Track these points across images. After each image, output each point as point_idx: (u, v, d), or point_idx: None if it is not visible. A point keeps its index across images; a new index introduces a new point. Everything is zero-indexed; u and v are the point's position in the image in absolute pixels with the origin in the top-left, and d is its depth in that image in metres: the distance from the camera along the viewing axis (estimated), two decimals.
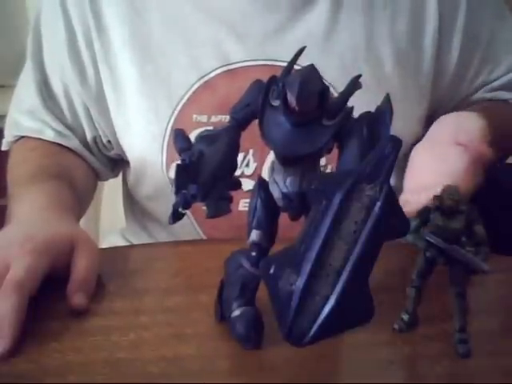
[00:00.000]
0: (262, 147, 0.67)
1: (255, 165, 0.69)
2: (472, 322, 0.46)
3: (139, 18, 0.70)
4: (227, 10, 0.68)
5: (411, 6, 0.70)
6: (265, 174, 0.46)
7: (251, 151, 0.68)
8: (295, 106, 0.40)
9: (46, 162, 0.70)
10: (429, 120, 0.76)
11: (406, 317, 0.48)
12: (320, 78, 0.40)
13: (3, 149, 0.78)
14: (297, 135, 0.41)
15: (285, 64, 0.42)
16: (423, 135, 0.72)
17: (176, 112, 0.68)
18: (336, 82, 0.61)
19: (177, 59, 0.68)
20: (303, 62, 0.42)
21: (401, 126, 0.69)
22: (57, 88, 0.73)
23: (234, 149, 0.44)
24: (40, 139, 0.73)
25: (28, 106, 0.74)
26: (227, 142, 0.43)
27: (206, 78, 0.68)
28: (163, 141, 0.69)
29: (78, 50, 0.71)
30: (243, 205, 0.69)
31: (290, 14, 0.68)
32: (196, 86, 0.68)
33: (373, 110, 0.42)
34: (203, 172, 0.42)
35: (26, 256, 0.49)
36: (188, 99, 0.68)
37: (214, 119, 0.67)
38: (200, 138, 0.43)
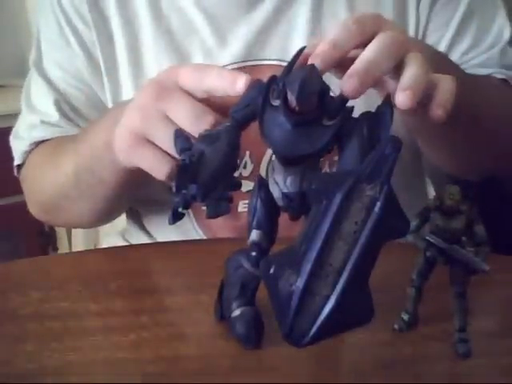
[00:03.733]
0: (258, 149, 0.67)
1: (252, 166, 0.69)
2: (472, 322, 0.46)
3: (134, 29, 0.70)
4: (212, 14, 0.69)
5: (393, 8, 0.69)
6: (262, 175, 0.46)
7: (248, 153, 0.68)
8: (295, 106, 0.40)
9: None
10: None
11: (406, 317, 0.48)
12: (320, 78, 0.40)
13: (17, 163, 0.77)
14: (297, 135, 0.41)
15: (271, 63, 0.42)
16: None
17: None
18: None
19: (166, 61, 0.69)
20: (289, 57, 0.42)
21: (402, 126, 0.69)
22: (76, 100, 0.74)
23: (234, 149, 0.44)
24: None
25: (47, 119, 0.74)
26: (227, 142, 0.43)
27: None
28: None
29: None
30: (242, 206, 0.69)
31: (272, 12, 0.68)
32: None
33: (358, 100, 0.41)
34: (203, 172, 0.42)
35: None
36: None
37: None
38: (200, 138, 0.43)
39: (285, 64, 0.42)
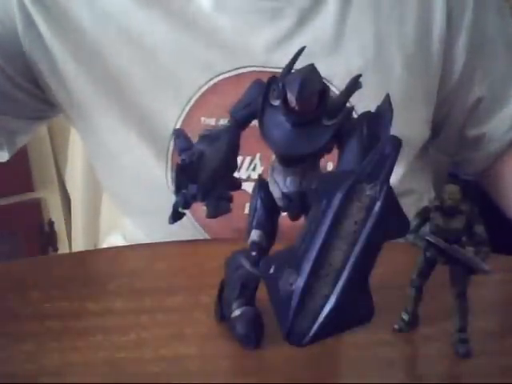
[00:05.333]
0: (268, 150, 0.66)
1: (262, 169, 0.68)
2: (472, 322, 0.46)
3: None
4: (237, 14, 0.68)
5: (418, 5, 0.69)
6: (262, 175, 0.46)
7: (258, 155, 0.68)
8: (295, 106, 0.40)
9: None
10: (441, 123, 0.75)
11: (406, 317, 0.48)
12: (320, 78, 0.40)
13: None
14: (297, 135, 0.41)
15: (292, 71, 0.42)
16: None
17: (184, 114, 0.68)
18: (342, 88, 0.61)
19: (185, 60, 0.68)
20: None
21: (409, 129, 0.69)
22: None
23: (234, 149, 0.44)
24: None
25: None
26: (227, 141, 0.43)
27: (215, 80, 0.67)
28: (169, 144, 0.69)
29: None
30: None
31: (296, 19, 0.67)
32: (205, 88, 0.68)
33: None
34: (203, 172, 0.42)
35: None
36: (196, 101, 0.68)
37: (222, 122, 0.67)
38: (200, 137, 0.43)
39: None
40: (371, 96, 0.42)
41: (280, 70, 0.67)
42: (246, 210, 0.68)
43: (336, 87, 0.61)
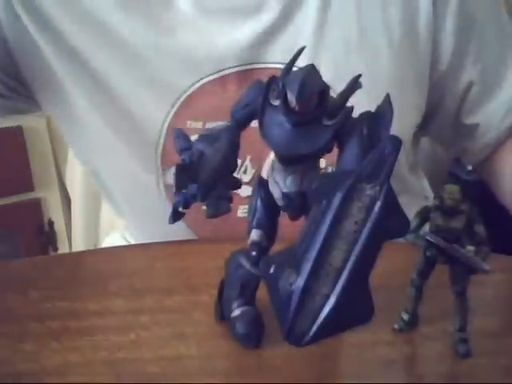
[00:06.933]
0: (259, 153, 0.66)
1: (253, 171, 0.68)
2: (472, 322, 0.46)
3: None
4: (218, 14, 0.67)
5: None
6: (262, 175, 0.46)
7: (249, 157, 0.67)
8: (295, 106, 0.40)
9: None
10: (433, 111, 0.74)
11: (406, 316, 0.48)
12: (320, 78, 0.40)
13: None
14: (297, 135, 0.41)
15: (276, 66, 0.41)
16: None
17: (169, 118, 0.68)
18: (327, 78, 0.60)
19: (168, 65, 0.67)
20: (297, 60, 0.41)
21: (399, 114, 0.68)
22: None
23: (234, 149, 0.44)
24: None
25: None
26: (227, 141, 0.43)
27: (200, 83, 0.67)
28: (157, 148, 0.69)
29: None
30: (242, 211, 0.68)
31: (279, 13, 0.66)
32: (190, 91, 0.67)
33: (366, 102, 0.41)
34: (203, 172, 0.42)
35: None
36: (181, 105, 0.67)
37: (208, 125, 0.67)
38: (200, 137, 0.43)
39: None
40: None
41: (266, 66, 0.67)
42: (239, 214, 0.68)
43: (322, 75, 0.62)
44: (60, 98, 0.70)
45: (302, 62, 0.42)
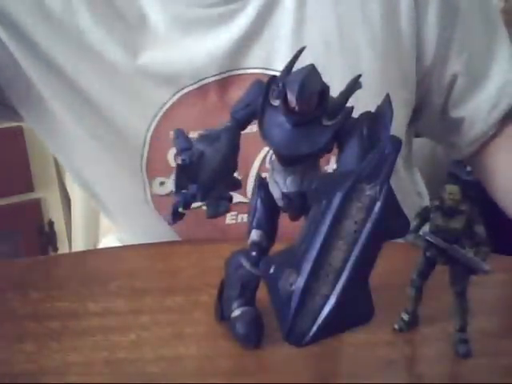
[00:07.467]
0: (244, 160, 0.65)
1: (240, 178, 0.68)
2: (472, 322, 0.46)
3: None
4: (192, 25, 0.66)
5: None
6: (249, 188, 0.45)
7: None
8: (295, 106, 0.40)
9: None
10: (422, 102, 0.73)
11: (406, 317, 0.48)
12: (320, 78, 0.40)
13: None
14: (297, 135, 0.41)
15: (255, 71, 0.41)
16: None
17: (151, 129, 0.67)
18: None
19: (147, 78, 0.66)
20: (276, 64, 0.40)
21: None
22: None
23: (234, 149, 0.44)
24: None
25: None
26: (227, 142, 0.43)
27: (180, 93, 0.66)
28: (141, 159, 0.68)
29: None
30: (230, 218, 0.68)
31: (254, 17, 0.65)
32: (171, 102, 0.66)
33: (353, 102, 0.41)
34: (203, 172, 0.42)
35: None
36: (162, 117, 0.66)
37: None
38: (200, 137, 0.43)
39: (269, 73, 0.42)
40: (339, 79, 0.41)
41: (246, 72, 0.67)
42: (228, 220, 0.68)
43: None
44: (42, 112, 0.69)
45: (281, 65, 0.41)
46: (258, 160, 0.67)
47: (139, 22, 0.66)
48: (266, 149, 0.66)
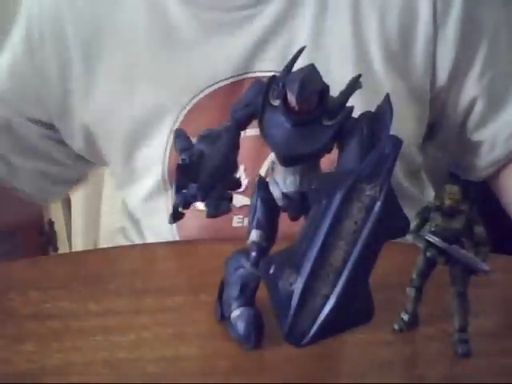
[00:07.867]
0: (253, 163, 0.65)
1: (247, 181, 0.66)
2: (472, 322, 0.46)
3: None
4: (210, 33, 0.67)
5: (401, 2, 0.66)
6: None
7: (242, 167, 0.66)
8: (295, 106, 0.40)
9: None
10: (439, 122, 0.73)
11: (406, 317, 0.48)
12: (320, 78, 0.40)
13: None
14: (297, 135, 0.41)
15: (270, 74, 0.41)
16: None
17: (172, 137, 0.67)
18: None
19: (165, 85, 0.67)
20: (292, 68, 0.40)
21: (394, 125, 0.67)
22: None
23: (234, 149, 0.44)
24: None
25: None
26: (227, 142, 0.43)
27: (197, 98, 0.67)
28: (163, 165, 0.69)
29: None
30: (237, 221, 0.67)
31: (271, 23, 0.66)
32: (188, 108, 0.67)
33: (358, 110, 0.41)
34: (203, 172, 0.42)
35: None
36: (181, 123, 0.67)
37: None
38: (200, 137, 0.43)
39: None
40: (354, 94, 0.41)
41: (260, 75, 0.67)
42: (234, 223, 0.68)
43: None
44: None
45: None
46: (268, 163, 0.67)
47: (166, 29, 0.67)
48: None
